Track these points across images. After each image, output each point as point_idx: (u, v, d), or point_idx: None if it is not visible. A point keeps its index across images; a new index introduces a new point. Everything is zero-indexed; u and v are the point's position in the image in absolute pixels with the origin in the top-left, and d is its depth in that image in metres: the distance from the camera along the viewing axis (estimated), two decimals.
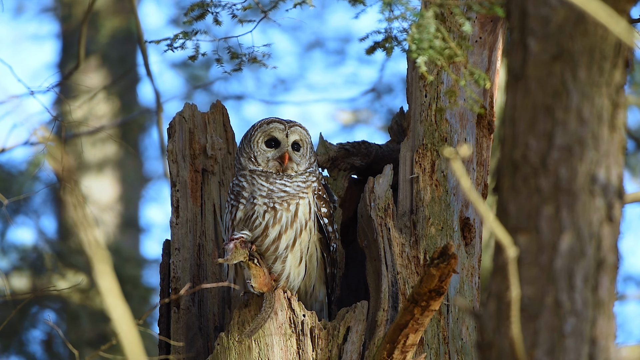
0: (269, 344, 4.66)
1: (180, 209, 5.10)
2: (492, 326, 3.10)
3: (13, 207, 9.31)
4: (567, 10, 3.11)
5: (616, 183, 3.13)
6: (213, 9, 4.75)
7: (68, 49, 10.82)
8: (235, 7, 4.78)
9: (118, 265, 9.28)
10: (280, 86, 11.22)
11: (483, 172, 5.04)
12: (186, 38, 4.82)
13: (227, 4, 4.77)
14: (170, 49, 4.88)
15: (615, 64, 3.13)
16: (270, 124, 4.91)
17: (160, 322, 5.02)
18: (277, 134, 4.90)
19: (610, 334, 3.10)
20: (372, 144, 5.32)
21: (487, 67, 5.08)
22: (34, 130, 4.82)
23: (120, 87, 10.74)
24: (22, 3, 11.06)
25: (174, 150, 5.16)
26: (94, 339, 9.11)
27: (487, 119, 5.07)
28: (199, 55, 4.91)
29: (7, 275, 9.00)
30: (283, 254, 4.79)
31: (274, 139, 4.91)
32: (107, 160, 10.77)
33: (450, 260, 4.22)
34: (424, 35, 3.91)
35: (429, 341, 4.80)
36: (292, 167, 4.88)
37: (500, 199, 3.16)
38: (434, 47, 3.96)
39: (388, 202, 4.90)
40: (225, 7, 4.77)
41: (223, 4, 4.76)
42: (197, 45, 4.87)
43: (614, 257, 3.11)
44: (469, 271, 4.94)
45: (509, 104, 3.18)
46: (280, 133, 4.89)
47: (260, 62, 4.95)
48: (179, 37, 4.83)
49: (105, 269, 3.38)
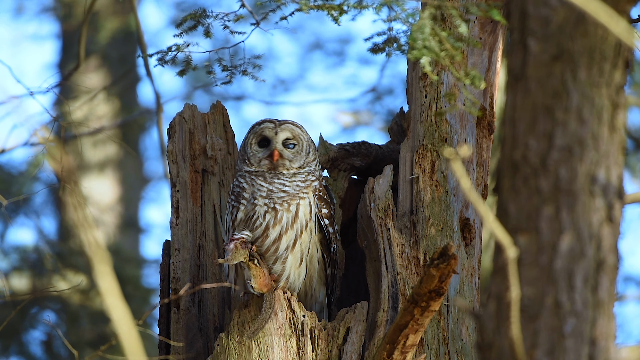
0: (269, 345, 4.66)
1: (180, 210, 5.10)
2: (492, 327, 3.10)
3: (13, 208, 9.31)
4: (567, 11, 3.11)
5: (616, 183, 3.13)
6: (205, 20, 4.75)
7: (68, 49, 10.82)
8: (227, 19, 4.78)
9: (118, 265, 9.28)
10: (280, 87, 11.22)
11: (483, 173, 5.04)
12: (179, 50, 4.84)
13: (218, 14, 4.77)
14: (161, 63, 4.90)
15: (615, 65, 3.13)
16: (261, 124, 4.94)
17: (160, 322, 5.02)
18: (267, 133, 4.92)
19: (610, 334, 3.10)
20: (372, 145, 5.32)
21: (487, 67, 5.08)
22: (34, 131, 4.82)
23: (120, 88, 10.74)
24: (22, 3, 11.06)
25: (174, 150, 5.16)
26: (94, 340, 9.11)
27: (487, 119, 5.07)
28: (190, 69, 4.93)
29: (7, 275, 9.00)
30: (283, 255, 4.79)
31: (265, 138, 4.93)
32: (108, 161, 10.77)
33: (450, 261, 4.22)
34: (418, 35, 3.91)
35: (428, 342, 4.80)
36: (283, 164, 4.88)
37: (500, 200, 3.16)
38: (429, 48, 3.96)
39: (388, 203, 4.90)
40: (217, 17, 4.77)
41: (215, 15, 4.77)
42: (188, 57, 4.89)
43: (614, 258, 3.12)
44: (469, 272, 4.94)
45: (509, 104, 3.18)
46: (270, 131, 4.91)
47: (251, 74, 4.97)
48: (172, 50, 4.84)
49: (105, 269, 3.38)
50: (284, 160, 4.88)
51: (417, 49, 3.90)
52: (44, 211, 9.84)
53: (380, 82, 10.55)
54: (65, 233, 10.09)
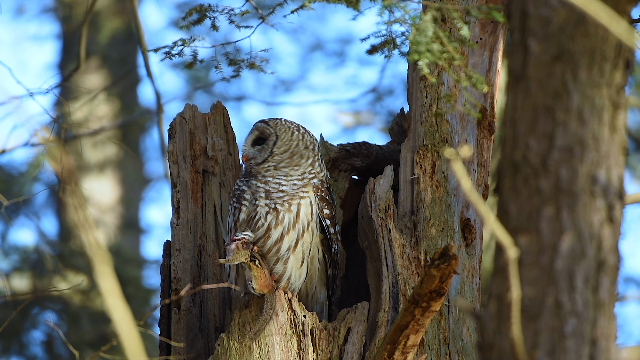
0: (270, 345, 4.66)
1: (181, 210, 5.10)
2: (492, 327, 3.10)
3: (13, 209, 9.31)
4: (567, 11, 3.11)
5: (617, 184, 3.13)
6: (211, 14, 4.75)
7: (68, 49, 10.82)
8: (233, 12, 4.78)
9: (118, 266, 9.28)
10: (281, 87, 11.23)
11: (484, 173, 5.04)
12: (184, 45, 4.83)
13: (224, 9, 4.77)
14: (169, 56, 4.90)
15: (616, 65, 3.13)
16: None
17: (160, 323, 5.02)
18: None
19: (611, 334, 3.10)
20: (372, 145, 5.32)
21: (488, 68, 5.08)
22: (34, 132, 4.82)
23: (120, 88, 10.74)
24: (23, 4, 11.06)
25: (175, 151, 5.16)
26: (95, 340, 9.11)
27: (488, 119, 5.07)
28: (197, 62, 4.93)
29: (7, 276, 9.00)
30: (285, 255, 4.79)
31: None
32: (108, 162, 10.77)
33: (450, 261, 4.22)
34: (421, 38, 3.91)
35: (429, 342, 4.80)
36: (249, 165, 4.92)
37: (501, 200, 3.16)
38: (432, 51, 3.96)
39: (389, 203, 4.90)
40: (223, 12, 4.77)
41: (220, 9, 4.77)
42: (195, 52, 4.89)
43: (615, 258, 3.12)
44: (470, 272, 4.94)
45: (509, 104, 3.18)
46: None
47: (259, 67, 4.97)
48: (177, 44, 4.84)
49: (106, 270, 3.38)
50: (251, 161, 4.93)
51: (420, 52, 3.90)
52: (45, 212, 9.85)
53: (381, 82, 10.55)
54: (65, 234, 10.09)
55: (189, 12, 4.79)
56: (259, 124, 5.00)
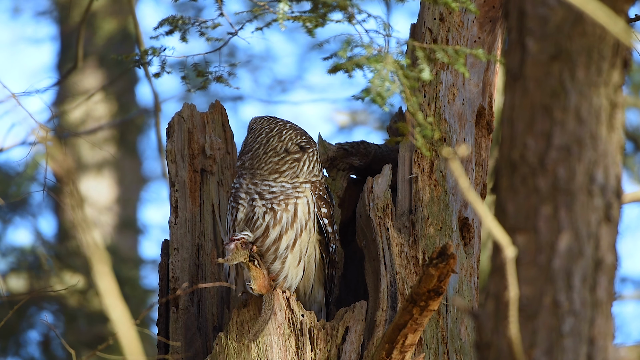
0: (268, 344, 4.66)
1: (179, 209, 5.10)
2: (490, 326, 3.10)
3: (10, 209, 9.31)
4: (565, 10, 3.11)
5: (614, 183, 3.13)
6: (182, 26, 4.76)
7: (66, 50, 10.82)
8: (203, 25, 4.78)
9: (116, 266, 9.28)
10: (278, 87, 11.23)
11: (482, 172, 5.04)
12: (154, 55, 4.85)
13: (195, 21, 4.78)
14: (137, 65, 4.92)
15: (614, 64, 3.14)
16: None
17: (159, 322, 5.02)
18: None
19: (609, 333, 3.10)
20: (371, 144, 5.32)
21: (486, 67, 5.08)
22: (31, 131, 4.82)
23: (118, 88, 10.74)
24: (20, 5, 11.05)
25: (173, 150, 5.16)
26: (92, 340, 9.11)
27: (486, 119, 5.07)
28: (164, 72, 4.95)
29: (4, 276, 8.99)
30: (283, 254, 4.79)
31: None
32: (106, 162, 10.77)
33: (449, 260, 4.22)
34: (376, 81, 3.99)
35: (427, 341, 4.81)
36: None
37: (499, 199, 3.17)
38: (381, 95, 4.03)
39: (387, 202, 4.90)
40: (194, 24, 4.78)
41: (193, 22, 4.78)
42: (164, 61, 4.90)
43: (612, 257, 3.12)
44: (468, 271, 4.94)
45: (507, 104, 3.18)
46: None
47: (226, 81, 4.99)
48: (148, 53, 4.86)
49: (104, 269, 3.38)
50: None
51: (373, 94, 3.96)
52: (42, 212, 9.84)
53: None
54: (63, 234, 10.08)
55: (160, 23, 4.81)
56: (251, 121, 5.03)
